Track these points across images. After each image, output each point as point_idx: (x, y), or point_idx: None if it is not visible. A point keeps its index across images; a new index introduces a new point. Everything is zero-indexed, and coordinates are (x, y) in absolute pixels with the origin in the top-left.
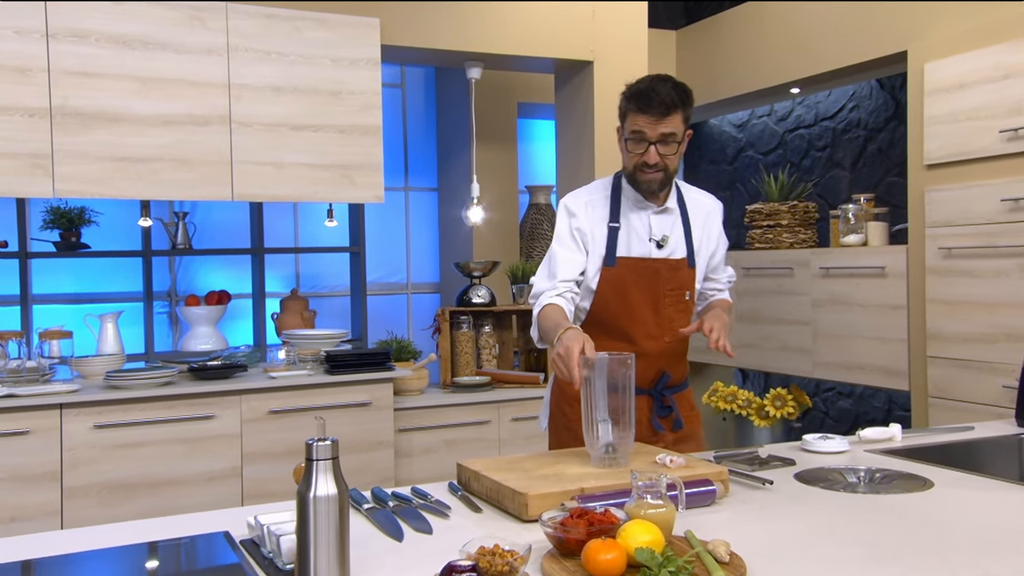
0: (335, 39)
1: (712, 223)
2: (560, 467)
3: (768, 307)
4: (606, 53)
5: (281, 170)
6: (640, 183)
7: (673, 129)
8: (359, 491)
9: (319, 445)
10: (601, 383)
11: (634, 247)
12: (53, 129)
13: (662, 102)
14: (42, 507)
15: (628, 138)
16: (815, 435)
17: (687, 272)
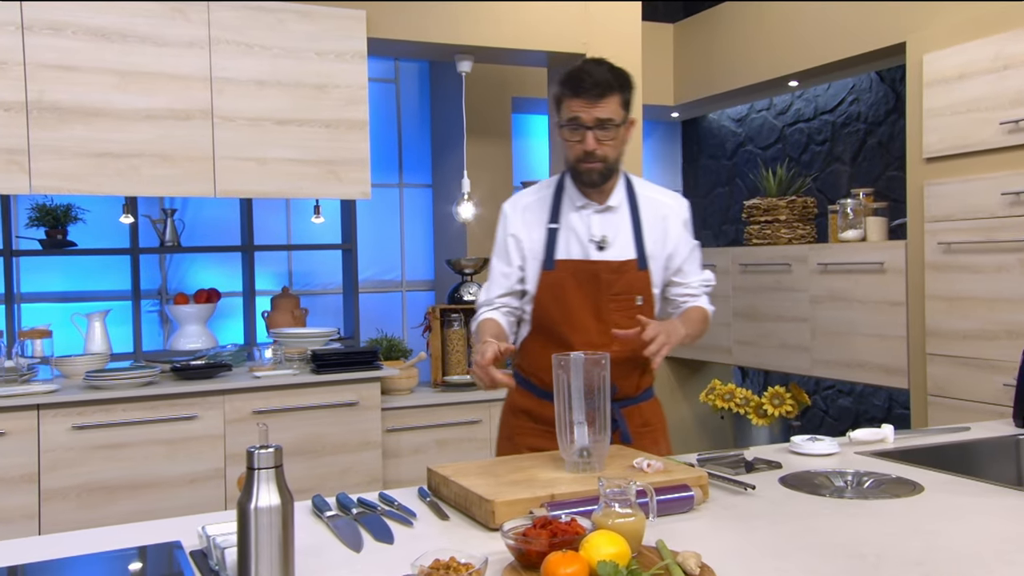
0: (320, 32)
1: (671, 224)
2: (533, 472)
3: (766, 304)
4: (599, 46)
5: (265, 166)
6: (581, 174)
7: (610, 114)
8: (323, 497)
9: (261, 453)
10: (576, 384)
11: (572, 248)
12: (29, 124)
13: (596, 83)
14: (19, 510)
15: (564, 125)
16: (803, 436)
17: (636, 275)
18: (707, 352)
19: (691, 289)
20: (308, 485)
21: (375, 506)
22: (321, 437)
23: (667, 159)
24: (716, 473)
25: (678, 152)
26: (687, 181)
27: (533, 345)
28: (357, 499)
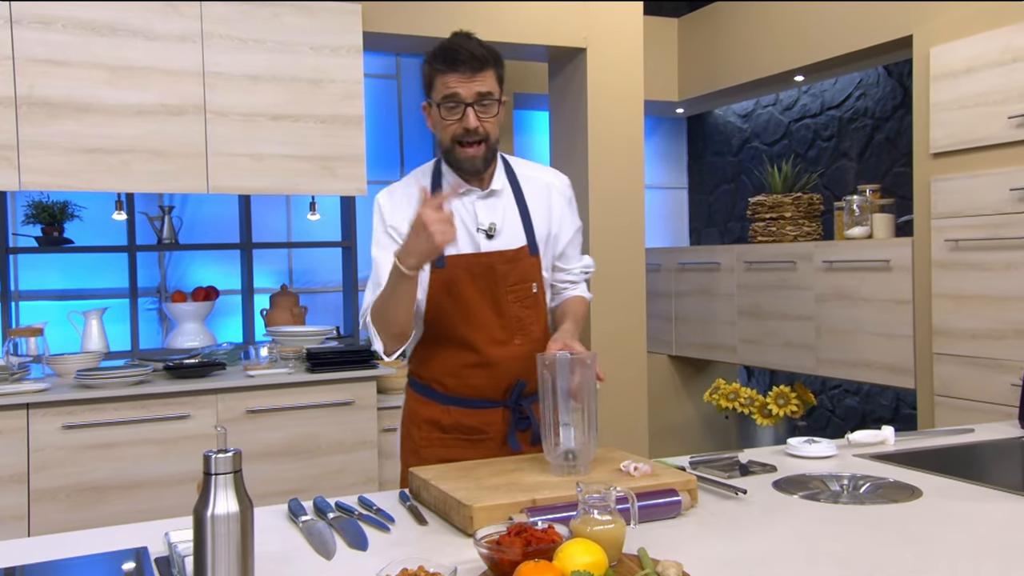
0: (315, 26)
1: (555, 202)
2: (516, 475)
3: (770, 302)
4: (600, 40)
5: (259, 162)
6: (461, 160)
7: (488, 88)
8: (300, 501)
9: (218, 457)
10: (561, 383)
11: (461, 241)
12: (19, 119)
13: (472, 55)
14: (8, 510)
15: (440, 104)
16: (801, 438)
17: (529, 261)
18: (711, 351)
19: (572, 276)
20: (302, 485)
21: (352, 510)
22: (316, 437)
23: (672, 155)
24: (707, 476)
25: (683, 148)
26: (692, 178)
27: (430, 349)
28: (335, 503)
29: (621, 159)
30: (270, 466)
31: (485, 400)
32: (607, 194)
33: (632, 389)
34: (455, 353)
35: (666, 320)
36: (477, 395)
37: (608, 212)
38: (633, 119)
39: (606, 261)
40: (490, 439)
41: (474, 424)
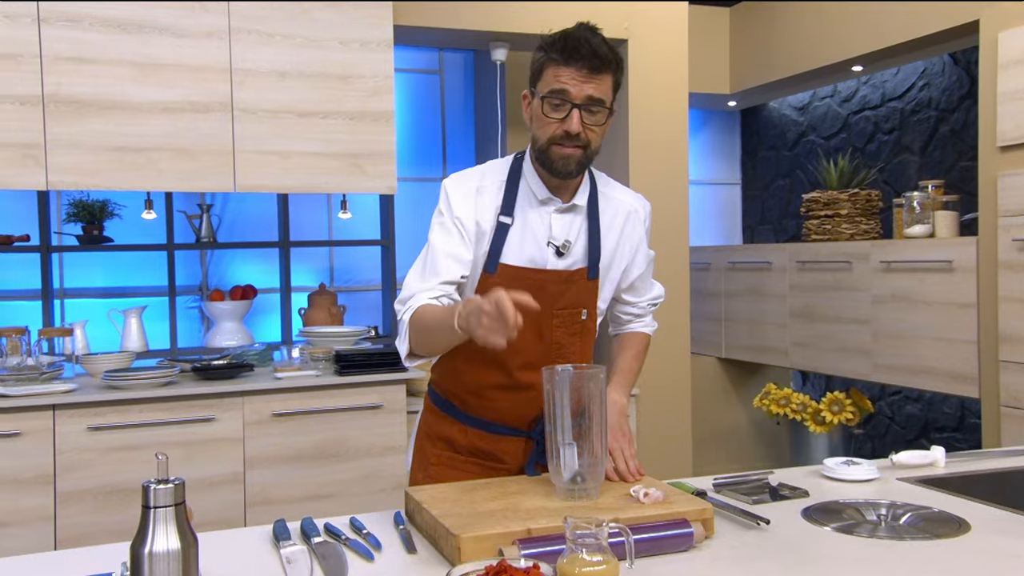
0: (344, 20)
1: (632, 228)
2: (517, 499)
3: (824, 304)
4: (641, 31)
5: (287, 159)
6: (554, 160)
7: (602, 95)
8: (286, 523)
9: (158, 489)
10: (565, 400)
11: (527, 251)
12: (46, 118)
13: (595, 53)
14: (35, 512)
15: (546, 97)
16: (839, 459)
17: (584, 285)
18: (762, 354)
19: (639, 309)
20: (330, 491)
21: (340, 534)
22: (344, 441)
23: (725, 150)
24: (727, 503)
25: (736, 143)
26: (746, 173)
27: (456, 361)
28: (324, 525)
29: (664, 155)
30: (296, 471)
31: (507, 427)
32: (649, 191)
33: (675, 394)
34: (482, 371)
35: (715, 321)
36: (500, 420)
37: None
38: (677, 113)
39: None
40: (506, 469)
41: (491, 450)
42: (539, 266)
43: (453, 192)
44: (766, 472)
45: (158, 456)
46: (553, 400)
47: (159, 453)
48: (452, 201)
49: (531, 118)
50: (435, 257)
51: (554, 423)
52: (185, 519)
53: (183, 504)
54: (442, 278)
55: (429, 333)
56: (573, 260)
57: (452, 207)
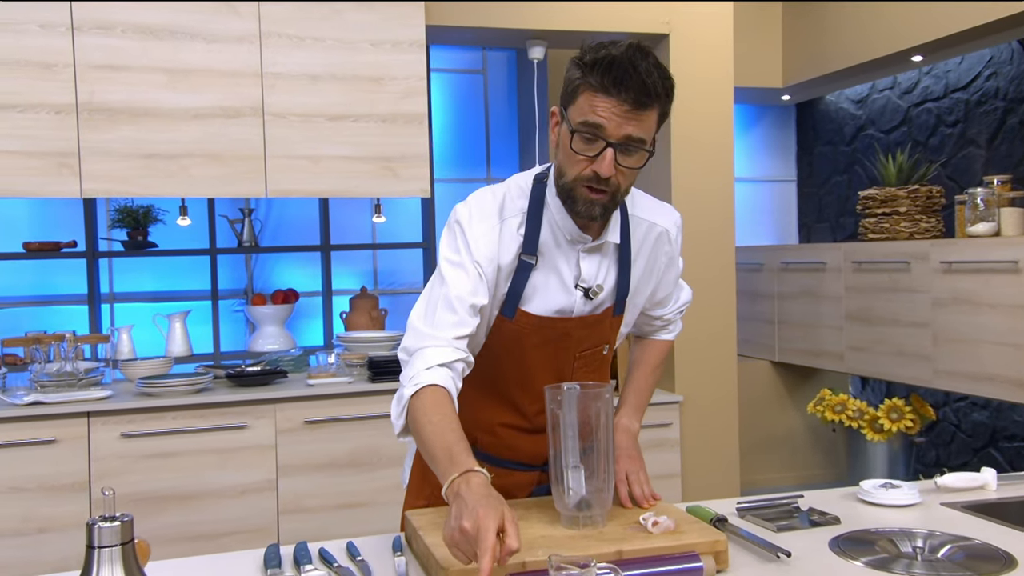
0: (376, 21)
1: (662, 250)
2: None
3: (881, 306)
4: (683, 25)
5: (318, 164)
6: (578, 202)
7: (643, 133)
8: (279, 548)
9: (103, 527)
10: (571, 420)
11: (552, 297)
12: (79, 126)
13: (643, 86)
14: (72, 518)
15: (577, 130)
16: (876, 482)
17: (610, 322)
18: (817, 358)
19: (666, 320)
20: (362, 499)
21: (332, 561)
22: (377, 449)
23: (779, 146)
24: (747, 531)
25: (792, 138)
26: (802, 169)
27: (468, 392)
28: (319, 550)
29: (708, 153)
30: (328, 479)
31: (519, 463)
32: (692, 191)
33: (721, 399)
34: (496, 410)
35: (768, 323)
36: (512, 458)
37: (694, 209)
38: (721, 111)
39: (692, 261)
40: (516, 504)
41: (501, 485)
42: (565, 315)
43: (471, 229)
44: (795, 495)
45: (104, 492)
46: (558, 420)
47: (105, 489)
48: (471, 240)
49: (558, 144)
50: (450, 304)
51: (559, 445)
52: (133, 559)
53: (131, 543)
54: (456, 331)
55: (422, 438)
56: (601, 301)
57: (471, 248)
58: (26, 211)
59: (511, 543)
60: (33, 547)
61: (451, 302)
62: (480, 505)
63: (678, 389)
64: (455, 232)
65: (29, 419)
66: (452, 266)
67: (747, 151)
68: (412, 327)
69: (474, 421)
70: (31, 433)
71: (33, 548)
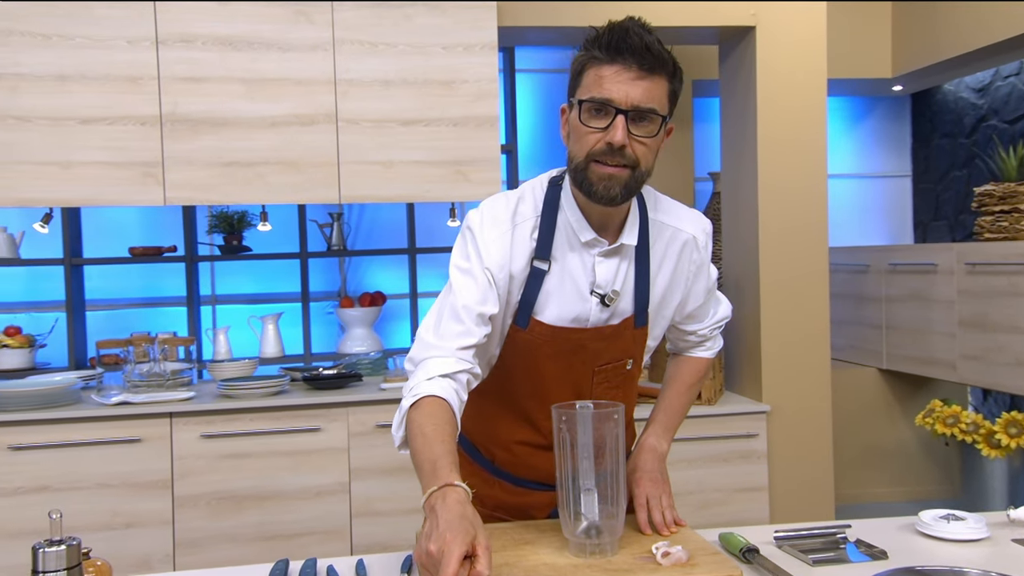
0: (447, 25)
1: (687, 258)
2: (524, 552)
3: (998, 312)
4: (771, 16)
5: (390, 169)
6: (594, 181)
7: (654, 102)
8: (288, 563)
9: (48, 552)
10: (584, 439)
11: (567, 305)
12: (163, 136)
13: (647, 48)
14: (155, 515)
15: (586, 102)
16: (937, 512)
17: (631, 334)
18: (927, 366)
19: (701, 336)
20: None
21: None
22: None
23: (893, 139)
24: (774, 565)
25: (906, 131)
26: (917, 164)
27: (485, 406)
28: (327, 568)
29: (798, 149)
30: (400, 482)
31: (538, 483)
32: (781, 189)
33: (812, 409)
34: (512, 426)
35: (875, 328)
36: (531, 477)
37: (782, 209)
38: (813, 105)
39: (779, 263)
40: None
41: (519, 504)
42: (580, 324)
43: (482, 235)
44: (843, 524)
45: (51, 515)
46: (571, 441)
47: (52, 512)
48: (481, 246)
49: (569, 132)
50: (457, 313)
51: (568, 467)
52: None
53: (77, 567)
54: (462, 341)
55: (413, 456)
56: (618, 309)
57: (482, 255)
58: (135, 217)
59: (480, 569)
60: (120, 540)
61: (457, 312)
62: (449, 528)
63: (765, 398)
64: (466, 239)
65: (117, 419)
66: (461, 274)
67: (856, 145)
68: (419, 337)
69: (491, 437)
70: (118, 432)
71: (120, 542)
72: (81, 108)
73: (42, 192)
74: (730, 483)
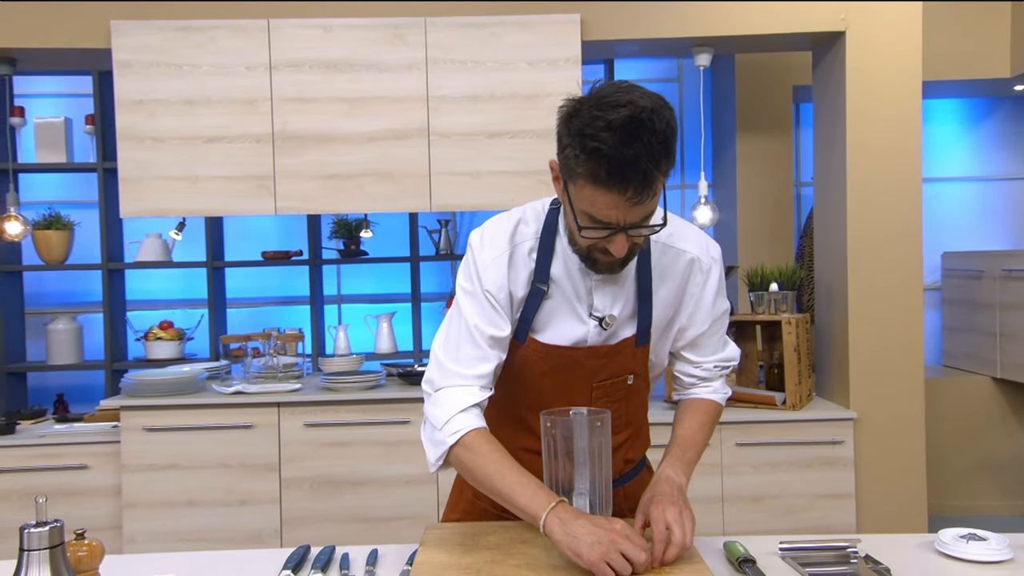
0: (532, 41)
1: (694, 281)
2: (514, 551)
3: None
4: (861, 21)
5: (478, 179)
6: (596, 264)
7: (652, 208)
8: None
9: (33, 532)
10: (580, 444)
11: (565, 326)
12: (275, 152)
13: (644, 175)
14: (265, 494)
15: (581, 219)
16: (957, 531)
17: (631, 352)
18: None
19: (704, 371)
20: None
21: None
22: None
23: (1015, 141)
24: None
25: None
26: None
27: (492, 414)
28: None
29: (890, 155)
30: None
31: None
32: (871, 195)
33: (904, 418)
34: (514, 433)
35: (989, 336)
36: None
37: (872, 216)
38: (907, 111)
39: (869, 270)
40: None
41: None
42: (578, 344)
43: (481, 258)
44: (854, 539)
45: (37, 500)
46: (558, 447)
47: (38, 497)
48: (480, 269)
49: (560, 196)
50: (471, 335)
51: (560, 471)
52: (63, 561)
53: (60, 546)
54: (480, 368)
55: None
56: (617, 331)
57: (482, 278)
58: (271, 224)
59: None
60: (235, 516)
61: (472, 333)
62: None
63: (852, 405)
64: (469, 260)
65: (232, 406)
66: (466, 295)
67: (977, 147)
68: (436, 359)
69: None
70: (232, 419)
71: (235, 517)
72: (206, 128)
73: (174, 203)
74: (814, 489)
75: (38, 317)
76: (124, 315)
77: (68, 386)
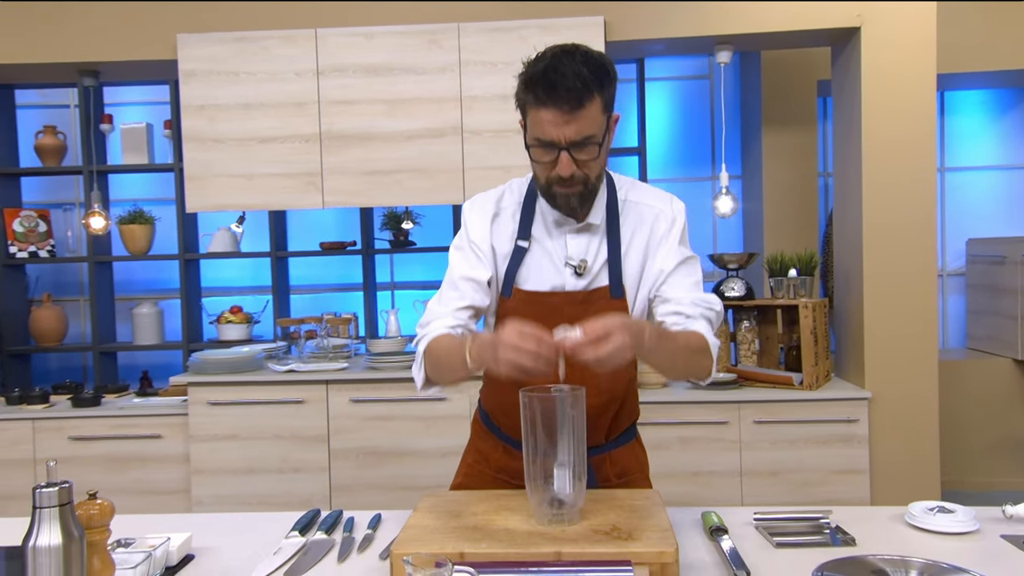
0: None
1: (657, 228)
2: (500, 517)
3: None
4: (876, 16)
5: (508, 173)
6: (556, 199)
7: (590, 129)
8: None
9: (44, 492)
10: (564, 417)
11: (545, 275)
12: (322, 151)
13: (570, 88)
14: (315, 463)
15: (531, 144)
16: (926, 503)
17: (607, 304)
18: None
19: (682, 307)
20: None
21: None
22: None
23: None
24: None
25: None
26: None
27: (489, 376)
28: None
29: (904, 147)
30: None
31: None
32: (885, 187)
33: (917, 397)
34: (509, 389)
35: (1010, 319)
36: None
37: (887, 206)
38: (922, 103)
39: (884, 257)
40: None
41: (519, 468)
42: (556, 289)
43: (470, 216)
44: (825, 510)
45: (48, 463)
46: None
47: (49, 461)
48: (469, 225)
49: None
50: (453, 281)
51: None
52: (71, 518)
53: (68, 504)
54: (458, 303)
55: (441, 365)
56: (592, 279)
57: (469, 231)
58: (331, 216)
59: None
60: (289, 483)
61: (454, 282)
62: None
63: (867, 386)
64: (462, 224)
65: (285, 383)
66: (456, 250)
67: (1001, 137)
68: (428, 307)
69: (496, 404)
70: (286, 394)
71: (289, 483)
72: (260, 130)
73: (233, 199)
74: (829, 464)
75: (126, 303)
76: (199, 301)
77: (153, 364)
